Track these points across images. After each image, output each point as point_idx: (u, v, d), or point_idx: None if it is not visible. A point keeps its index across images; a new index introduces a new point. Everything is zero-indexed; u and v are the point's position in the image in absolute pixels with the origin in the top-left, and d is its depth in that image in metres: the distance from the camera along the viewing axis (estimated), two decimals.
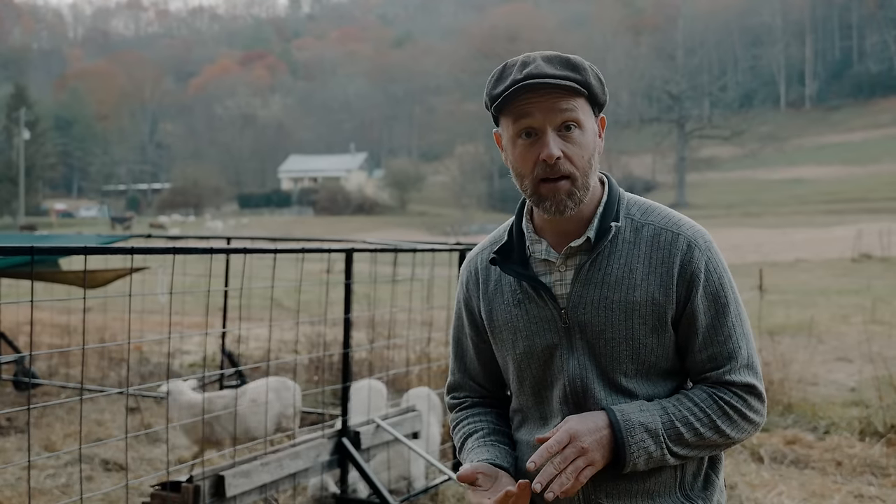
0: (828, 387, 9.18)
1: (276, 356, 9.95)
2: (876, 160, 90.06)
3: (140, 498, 4.40)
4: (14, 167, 78.54)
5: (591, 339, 1.82)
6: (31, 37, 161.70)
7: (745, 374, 1.81)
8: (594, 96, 1.82)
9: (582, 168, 1.79)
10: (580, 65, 1.80)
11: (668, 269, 1.80)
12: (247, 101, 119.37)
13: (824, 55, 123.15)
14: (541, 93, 1.76)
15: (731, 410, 1.80)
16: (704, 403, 1.79)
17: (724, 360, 1.81)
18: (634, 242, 1.83)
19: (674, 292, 1.80)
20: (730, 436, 1.80)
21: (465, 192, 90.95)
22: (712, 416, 1.78)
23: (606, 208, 1.85)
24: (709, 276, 1.81)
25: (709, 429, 1.78)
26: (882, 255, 32.34)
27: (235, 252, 4.32)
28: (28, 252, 3.14)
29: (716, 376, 1.81)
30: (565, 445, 1.69)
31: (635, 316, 1.79)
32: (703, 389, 1.82)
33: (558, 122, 1.77)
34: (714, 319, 1.81)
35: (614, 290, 1.80)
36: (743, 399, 1.81)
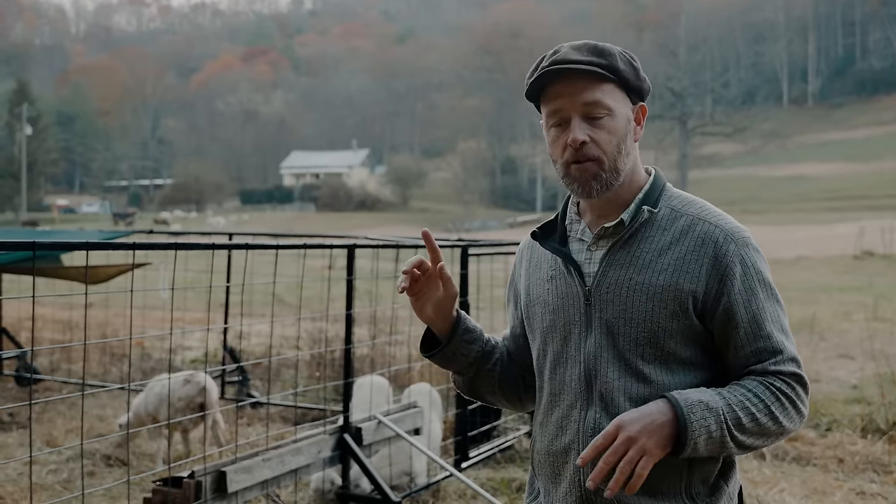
0: (830, 384, 9.17)
1: (277, 352, 9.96)
2: (878, 157, 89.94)
3: (142, 493, 4.40)
4: (16, 163, 78.57)
5: (611, 319, 1.83)
6: (33, 32, 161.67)
7: (792, 365, 1.80)
8: (626, 82, 1.85)
9: (610, 152, 1.83)
10: (607, 50, 1.84)
11: (698, 258, 1.80)
12: (249, 97, 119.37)
13: (827, 52, 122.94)
14: (569, 80, 1.82)
15: (784, 398, 1.78)
16: (757, 390, 1.77)
17: (769, 354, 1.80)
18: (668, 230, 1.84)
19: (703, 282, 1.79)
20: (783, 424, 1.78)
21: (467, 188, 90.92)
22: (767, 402, 1.76)
23: (647, 195, 1.89)
24: (746, 271, 1.80)
25: (765, 415, 1.75)
26: (884, 252, 32.32)
27: (237, 248, 4.32)
28: (30, 248, 3.13)
29: (762, 368, 1.79)
30: (613, 438, 1.68)
31: (656, 299, 1.79)
32: (753, 378, 1.80)
33: (584, 108, 1.82)
34: (756, 315, 1.80)
35: (640, 272, 1.81)
36: (792, 387, 1.79)
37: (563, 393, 1.90)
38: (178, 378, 6.01)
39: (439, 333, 2.01)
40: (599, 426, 1.81)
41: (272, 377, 8.82)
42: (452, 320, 2.00)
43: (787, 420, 1.79)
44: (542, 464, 1.96)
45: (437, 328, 2.00)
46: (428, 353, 2.04)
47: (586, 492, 1.84)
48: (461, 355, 2.02)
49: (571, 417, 1.87)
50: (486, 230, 63.26)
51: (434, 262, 1.92)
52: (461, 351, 2.02)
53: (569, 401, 1.88)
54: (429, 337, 2.04)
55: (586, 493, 1.84)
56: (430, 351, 2.03)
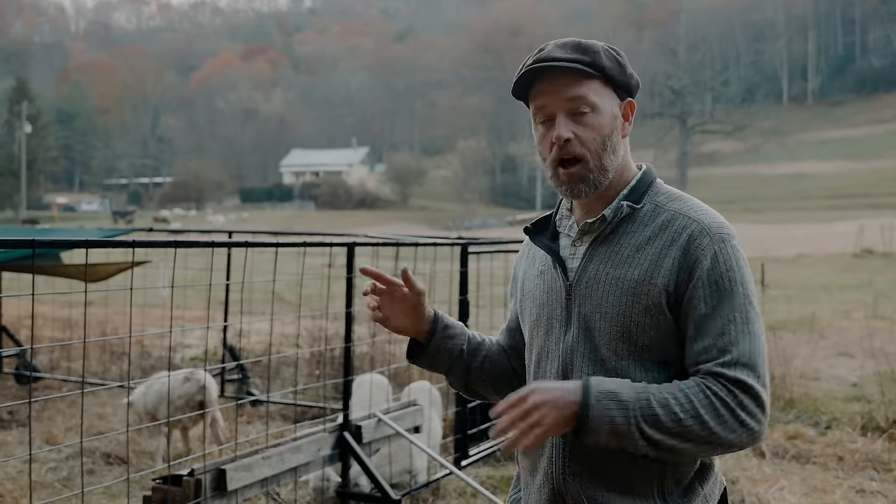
0: (829, 382, 9.18)
1: (277, 350, 9.96)
2: (878, 155, 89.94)
3: (141, 491, 4.40)
4: (16, 161, 78.55)
5: (588, 314, 1.84)
6: (32, 30, 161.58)
7: (740, 370, 1.70)
8: (612, 79, 1.85)
9: (594, 150, 1.83)
10: (591, 47, 1.84)
11: (671, 251, 1.78)
12: (248, 95, 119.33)
13: (827, 50, 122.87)
14: (553, 77, 1.83)
15: (719, 403, 1.68)
16: (690, 390, 1.70)
17: (718, 353, 1.72)
18: (649, 226, 1.83)
19: (674, 276, 1.76)
20: (715, 431, 1.67)
21: (466, 186, 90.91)
22: (695, 404, 1.68)
23: (632, 191, 1.89)
24: (715, 266, 1.75)
25: (690, 416, 1.67)
26: (884, 250, 32.33)
27: (237, 246, 4.32)
28: (29, 245, 3.13)
29: (706, 368, 1.72)
30: (524, 399, 1.69)
31: (629, 294, 1.78)
32: (692, 378, 1.73)
33: (569, 105, 1.82)
34: (713, 311, 1.73)
35: (617, 267, 1.81)
36: (733, 394, 1.68)
37: None
38: (178, 376, 6.02)
39: (421, 336, 2.06)
40: None
41: (272, 375, 8.82)
42: (430, 319, 2.05)
43: (720, 427, 1.68)
44: (523, 456, 2.00)
45: (418, 332, 2.05)
46: (413, 357, 2.09)
47: (557, 485, 1.86)
48: (445, 351, 2.06)
49: None
50: (486, 228, 63.27)
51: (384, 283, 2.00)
52: (444, 347, 2.05)
53: None
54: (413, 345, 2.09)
55: (557, 486, 1.86)
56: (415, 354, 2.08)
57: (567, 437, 1.82)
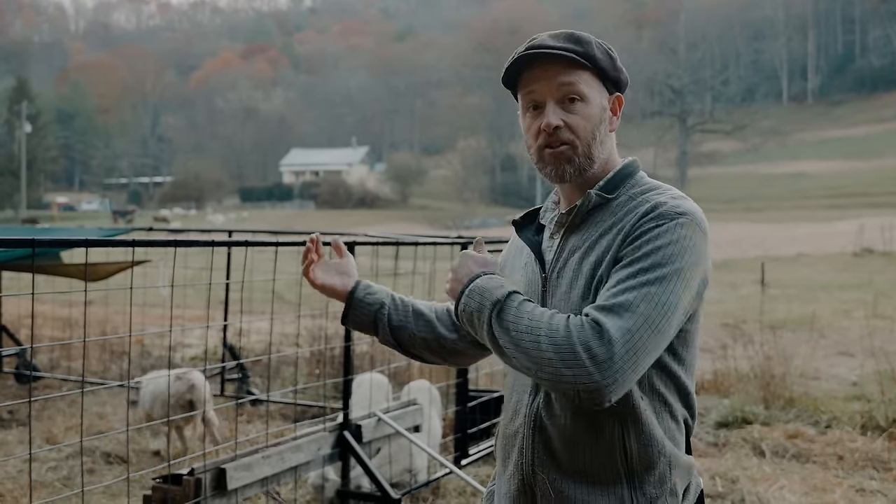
0: (829, 381, 9.18)
1: (277, 349, 9.96)
2: (878, 155, 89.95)
3: (141, 491, 4.40)
4: (16, 160, 78.55)
5: (557, 303, 1.84)
6: (32, 30, 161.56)
7: (603, 313, 1.63)
8: (602, 71, 1.85)
9: (584, 137, 1.83)
10: (583, 38, 1.85)
11: (622, 232, 1.75)
12: (248, 94, 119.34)
13: (827, 49, 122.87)
14: (545, 65, 1.83)
15: (563, 329, 1.63)
16: (548, 313, 1.69)
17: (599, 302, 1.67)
18: (617, 214, 1.81)
19: (617, 251, 1.74)
20: (543, 350, 1.63)
21: (466, 185, 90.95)
22: (543, 322, 1.66)
23: (607, 182, 1.87)
24: (644, 235, 1.71)
25: (530, 327, 1.66)
26: (884, 249, 32.32)
27: (237, 245, 4.31)
28: (29, 245, 3.13)
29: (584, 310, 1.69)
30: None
31: (588, 278, 1.78)
32: None
33: (559, 93, 1.83)
34: (620, 269, 1.70)
35: (584, 255, 1.81)
36: (582, 329, 1.62)
37: (519, 378, 1.92)
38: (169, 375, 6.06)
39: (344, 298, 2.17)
40: (540, 412, 1.83)
41: (272, 374, 8.82)
42: (354, 282, 2.17)
43: (552, 350, 1.62)
44: (498, 444, 2.01)
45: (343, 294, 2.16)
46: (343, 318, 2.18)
47: (526, 476, 1.87)
48: (366, 306, 2.13)
49: (523, 402, 1.90)
50: (486, 228, 63.25)
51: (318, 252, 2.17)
52: (365, 302, 2.13)
53: (523, 386, 1.91)
54: None
55: (526, 478, 1.87)
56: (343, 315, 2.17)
57: (535, 427, 1.84)
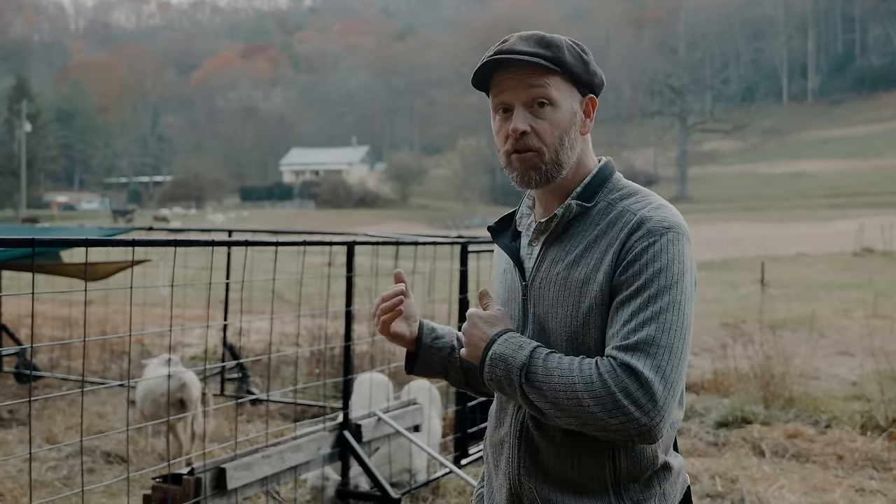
0: (829, 381, 9.18)
1: (277, 349, 9.96)
2: (878, 154, 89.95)
3: (141, 490, 4.40)
4: (16, 160, 78.54)
5: (541, 314, 1.83)
6: (32, 29, 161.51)
7: (634, 356, 1.63)
8: (574, 75, 1.83)
9: (551, 143, 1.82)
10: (554, 42, 1.82)
11: (612, 248, 1.75)
12: (248, 93, 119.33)
13: (827, 49, 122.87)
14: (514, 70, 1.82)
15: (600, 383, 1.62)
16: (580, 366, 1.67)
17: (619, 339, 1.67)
18: (599, 224, 1.80)
19: (612, 271, 1.73)
20: (592, 411, 1.62)
21: (466, 185, 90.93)
22: (574, 376, 1.65)
23: (584, 188, 1.86)
24: (641, 255, 1.70)
25: (563, 385, 1.65)
26: (884, 249, 32.33)
27: (237, 245, 4.31)
28: (29, 244, 3.13)
29: (607, 351, 1.69)
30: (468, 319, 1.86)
31: (576, 294, 1.77)
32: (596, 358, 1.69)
33: (527, 97, 1.81)
34: (629, 299, 1.69)
35: (568, 268, 1.80)
36: (618, 377, 1.61)
37: None
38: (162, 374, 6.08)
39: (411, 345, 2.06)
40: (527, 423, 1.83)
41: (272, 374, 8.82)
42: (418, 326, 2.06)
43: (599, 408, 1.62)
44: (487, 453, 2.01)
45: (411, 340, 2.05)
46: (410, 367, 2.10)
47: (514, 485, 1.87)
48: (435, 352, 2.05)
49: (507, 411, 1.90)
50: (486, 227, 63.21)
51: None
52: (435, 347, 2.05)
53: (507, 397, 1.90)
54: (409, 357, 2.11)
55: (514, 487, 1.87)
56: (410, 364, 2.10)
57: (522, 437, 1.85)
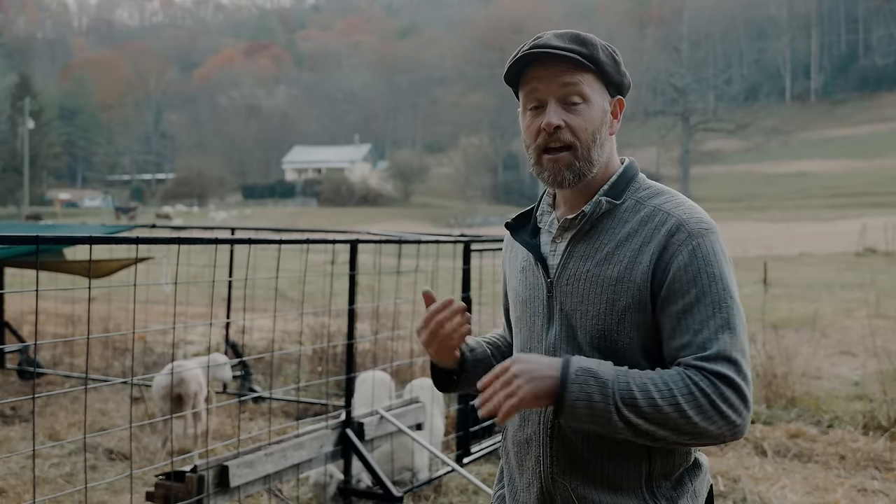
0: (831, 381, 9.17)
1: (279, 347, 9.97)
2: (881, 154, 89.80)
3: (144, 488, 4.41)
4: (18, 157, 78.58)
5: (569, 311, 1.83)
6: (35, 26, 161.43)
7: (721, 364, 1.67)
8: (606, 74, 1.84)
9: (584, 140, 1.82)
10: (589, 40, 1.83)
11: (649, 248, 1.76)
12: (251, 91, 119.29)
13: (830, 48, 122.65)
14: (548, 64, 1.81)
15: (699, 392, 1.65)
16: (671, 378, 1.67)
17: (696, 349, 1.69)
18: (630, 222, 1.81)
19: (652, 271, 1.75)
20: (694, 421, 1.64)
21: (469, 183, 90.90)
22: (674, 392, 1.65)
23: (612, 186, 1.87)
24: (692, 261, 1.72)
25: (668, 404, 1.64)
26: (886, 249, 32.28)
27: (240, 242, 4.32)
28: (33, 241, 3.13)
29: (686, 361, 1.70)
30: (505, 372, 1.70)
31: (610, 291, 1.77)
32: (674, 368, 1.71)
33: (561, 93, 1.81)
34: (691, 307, 1.71)
35: (599, 265, 1.80)
36: (714, 385, 1.66)
37: None
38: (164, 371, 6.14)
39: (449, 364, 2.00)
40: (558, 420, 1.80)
41: (274, 372, 8.83)
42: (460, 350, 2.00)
43: (700, 417, 1.65)
44: (509, 452, 1.99)
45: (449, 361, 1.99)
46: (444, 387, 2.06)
47: (546, 483, 1.86)
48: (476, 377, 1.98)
49: (533, 409, 1.88)
50: (488, 226, 63.18)
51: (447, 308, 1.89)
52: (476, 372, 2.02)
53: None
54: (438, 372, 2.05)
55: (546, 485, 1.86)
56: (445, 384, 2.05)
57: (553, 434, 1.84)
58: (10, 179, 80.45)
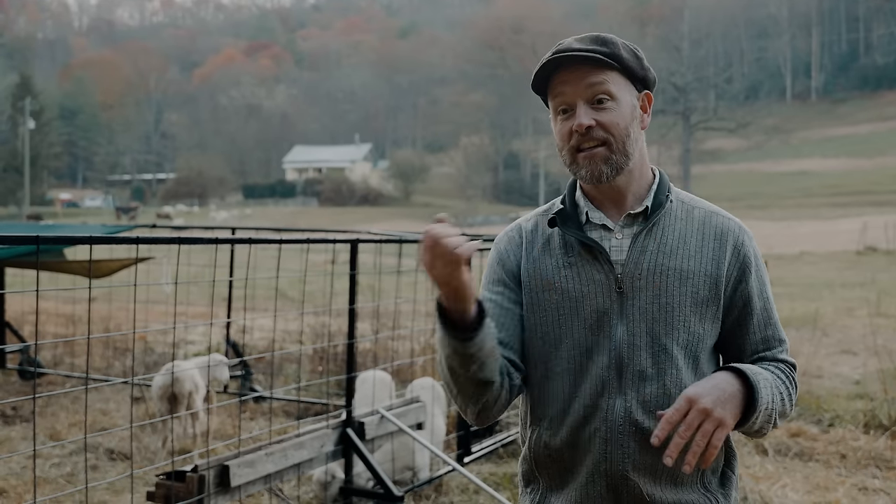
0: (832, 379, 9.17)
1: (280, 346, 9.97)
2: (882, 153, 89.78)
3: (145, 487, 4.41)
4: (19, 157, 78.59)
5: (645, 304, 1.83)
6: (36, 26, 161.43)
7: (788, 354, 1.97)
8: (629, 70, 1.87)
9: (618, 135, 1.84)
10: (609, 39, 1.87)
11: (721, 247, 1.88)
12: (252, 91, 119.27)
13: (830, 47, 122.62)
14: (572, 68, 1.84)
15: (790, 383, 1.91)
16: (780, 375, 1.90)
17: (777, 342, 1.94)
18: (687, 220, 1.90)
19: (725, 268, 1.87)
20: (787, 408, 1.90)
21: (469, 183, 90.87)
22: (787, 385, 1.89)
23: (660, 187, 1.93)
24: (759, 263, 1.94)
25: (787, 398, 1.89)
26: (887, 247, 32.29)
27: (240, 242, 4.32)
28: (33, 241, 3.13)
29: (772, 355, 1.92)
30: (686, 412, 1.66)
31: (689, 284, 1.84)
32: (769, 363, 1.92)
33: (588, 94, 1.84)
34: (767, 304, 1.93)
35: (669, 258, 1.85)
36: (793, 374, 1.94)
37: (585, 382, 1.85)
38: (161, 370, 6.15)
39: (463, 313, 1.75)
40: (630, 414, 1.81)
41: (275, 371, 8.83)
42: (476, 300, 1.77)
43: (790, 404, 1.91)
44: (553, 457, 1.91)
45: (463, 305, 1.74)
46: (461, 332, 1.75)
47: (615, 481, 1.83)
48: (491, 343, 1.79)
49: (599, 407, 1.84)
50: (489, 225, 63.22)
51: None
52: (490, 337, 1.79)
53: (593, 390, 1.84)
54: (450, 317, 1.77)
55: (614, 483, 1.83)
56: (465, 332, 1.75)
57: (627, 431, 1.81)
58: (10, 179, 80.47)
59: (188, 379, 6.10)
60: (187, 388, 6.11)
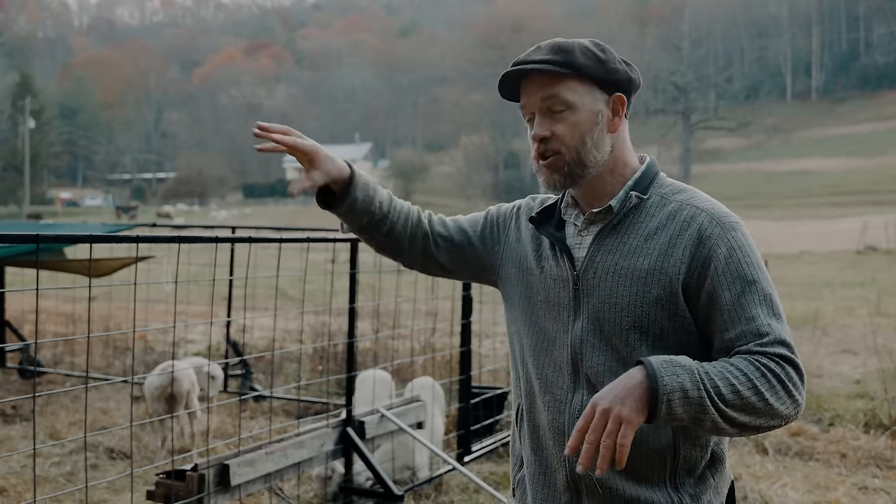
0: (833, 379, 9.17)
1: (280, 346, 9.97)
2: (882, 152, 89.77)
3: (145, 486, 4.41)
4: (19, 156, 78.63)
5: (597, 304, 1.84)
6: (36, 25, 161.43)
7: (779, 347, 1.71)
8: (591, 75, 1.86)
9: (572, 145, 1.86)
10: (565, 47, 1.87)
11: (683, 242, 1.79)
12: (252, 90, 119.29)
13: (831, 47, 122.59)
14: (531, 79, 1.89)
15: (771, 374, 1.67)
16: (740, 364, 1.68)
17: (754, 336, 1.72)
18: (656, 216, 1.85)
19: (685, 265, 1.77)
20: (770, 403, 1.66)
21: (470, 182, 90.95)
22: (749, 376, 1.66)
23: (637, 182, 1.90)
24: (732, 254, 1.77)
25: (747, 388, 1.64)
26: (887, 247, 32.30)
27: (240, 241, 4.32)
28: (33, 240, 3.13)
29: (747, 349, 1.71)
30: (591, 419, 1.62)
31: (640, 283, 1.80)
32: (739, 355, 1.71)
33: (544, 105, 1.87)
34: (740, 298, 1.74)
35: (626, 258, 1.83)
36: (781, 366, 1.69)
37: (555, 374, 1.91)
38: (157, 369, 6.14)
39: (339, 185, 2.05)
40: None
41: (275, 371, 8.83)
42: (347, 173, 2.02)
43: (775, 399, 1.67)
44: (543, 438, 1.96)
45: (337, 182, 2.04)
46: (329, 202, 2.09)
47: (572, 472, 1.87)
48: (364, 184, 2.04)
49: (564, 400, 1.89)
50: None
51: None
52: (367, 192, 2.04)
53: (560, 383, 1.90)
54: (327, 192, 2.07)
55: (571, 474, 1.88)
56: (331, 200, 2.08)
57: None
58: (10, 178, 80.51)
59: (185, 378, 6.10)
60: (185, 388, 6.11)
